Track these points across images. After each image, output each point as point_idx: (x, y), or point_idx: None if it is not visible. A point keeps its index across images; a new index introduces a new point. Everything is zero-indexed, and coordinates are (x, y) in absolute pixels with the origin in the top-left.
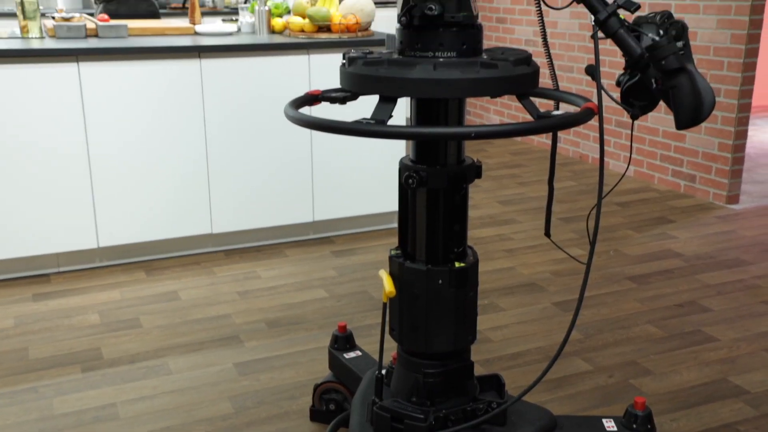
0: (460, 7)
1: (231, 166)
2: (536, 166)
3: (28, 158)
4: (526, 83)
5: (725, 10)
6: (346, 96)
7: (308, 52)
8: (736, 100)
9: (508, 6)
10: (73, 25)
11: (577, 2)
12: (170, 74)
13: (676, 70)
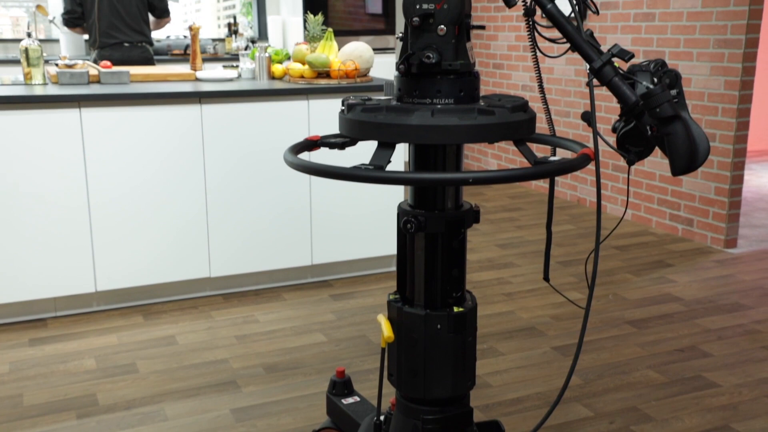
0: (457, 56)
1: (230, 209)
2: (534, 209)
3: (27, 202)
4: (523, 129)
5: (718, 57)
6: (345, 142)
7: (308, 98)
8: (731, 145)
9: (505, 52)
10: (75, 71)
11: (572, 51)
12: (171, 119)
13: (670, 117)
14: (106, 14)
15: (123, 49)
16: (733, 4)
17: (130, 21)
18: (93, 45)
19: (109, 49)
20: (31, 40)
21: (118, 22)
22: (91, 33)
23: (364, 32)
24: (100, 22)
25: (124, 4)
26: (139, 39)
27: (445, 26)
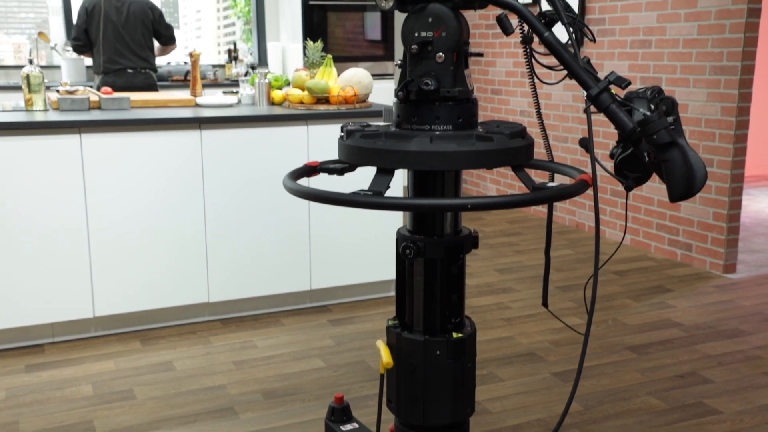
0: (455, 83)
1: (229, 234)
2: (533, 234)
3: (26, 228)
4: (521, 156)
5: (714, 83)
6: (344, 167)
7: (307, 123)
8: (729, 171)
9: (503, 78)
10: (76, 98)
11: (570, 78)
12: (171, 145)
13: (667, 144)
14: (110, 41)
15: (126, 75)
16: (728, 31)
17: (135, 47)
18: (97, 71)
19: (112, 75)
20: (32, 67)
21: (122, 48)
22: (95, 59)
23: (363, 58)
24: (104, 49)
25: (128, 31)
26: (143, 65)
27: (443, 54)
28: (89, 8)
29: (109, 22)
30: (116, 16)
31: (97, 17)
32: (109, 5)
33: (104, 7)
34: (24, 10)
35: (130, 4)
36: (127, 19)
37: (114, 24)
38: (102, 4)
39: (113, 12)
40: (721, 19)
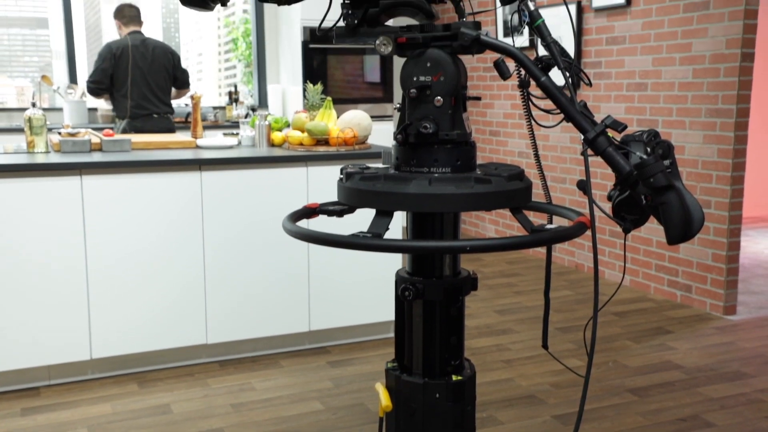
0: (453, 126)
1: (228, 275)
2: (532, 275)
3: (25, 269)
4: (519, 198)
5: (710, 126)
6: (343, 209)
7: (306, 165)
8: (726, 212)
9: (501, 120)
10: (77, 140)
11: (567, 121)
12: (171, 186)
13: (664, 187)
14: (138, 86)
15: (153, 120)
16: (722, 75)
17: (158, 92)
18: (123, 115)
19: (140, 120)
20: (35, 110)
21: (149, 93)
22: (120, 104)
23: (362, 100)
24: (132, 94)
25: (153, 77)
26: (165, 110)
27: (441, 97)
28: (117, 53)
29: (137, 68)
30: (142, 61)
31: (125, 62)
32: (136, 50)
33: (132, 52)
34: (28, 54)
35: (153, 48)
36: (152, 64)
37: (141, 69)
38: (129, 48)
39: (140, 57)
40: (716, 63)
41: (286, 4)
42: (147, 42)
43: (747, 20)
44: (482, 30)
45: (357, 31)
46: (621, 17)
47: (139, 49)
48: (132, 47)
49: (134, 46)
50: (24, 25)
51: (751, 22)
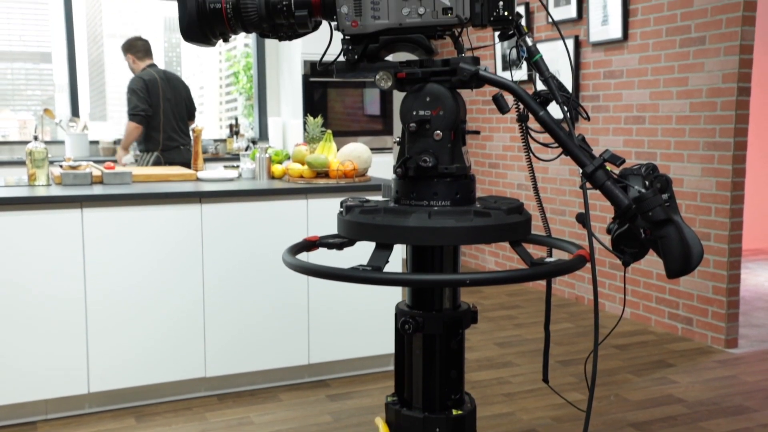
0: (453, 160)
1: (227, 308)
2: (533, 307)
3: (22, 302)
4: (519, 231)
5: (708, 159)
6: (343, 242)
7: (306, 197)
8: (726, 245)
9: (500, 152)
10: (79, 173)
11: (565, 155)
12: (171, 219)
13: (663, 221)
14: (168, 118)
15: (180, 151)
16: (719, 109)
17: (182, 124)
18: (155, 148)
19: (171, 152)
20: (37, 143)
21: (176, 125)
22: (152, 136)
23: (362, 133)
24: (164, 126)
25: (179, 109)
26: (188, 141)
27: (441, 131)
28: (149, 84)
29: (166, 100)
30: (170, 94)
31: (156, 94)
32: (163, 83)
33: (161, 85)
34: (31, 88)
35: (175, 80)
36: (176, 97)
37: (170, 101)
38: (158, 81)
39: (167, 89)
40: (712, 97)
41: (287, 40)
42: (168, 74)
43: (742, 55)
44: (481, 65)
45: (357, 66)
46: (618, 52)
47: (164, 82)
48: (160, 80)
49: (161, 79)
50: (28, 59)
51: (746, 57)
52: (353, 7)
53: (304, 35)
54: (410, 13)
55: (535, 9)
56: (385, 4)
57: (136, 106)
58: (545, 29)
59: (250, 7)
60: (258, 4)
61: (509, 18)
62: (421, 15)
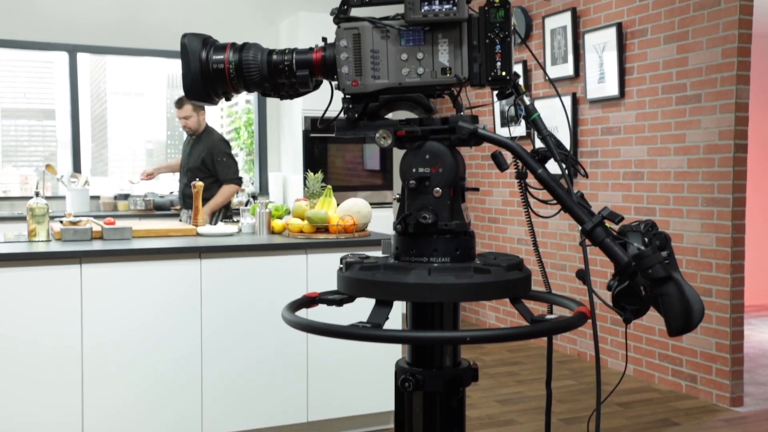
0: (452, 216)
1: (225, 364)
2: (534, 363)
3: (19, 355)
4: (519, 288)
5: (707, 215)
6: (343, 299)
7: (306, 252)
8: (728, 301)
9: (500, 207)
10: (79, 228)
11: (564, 212)
12: (170, 274)
13: (663, 278)
14: None
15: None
16: (717, 165)
17: None
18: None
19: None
20: (38, 199)
21: None
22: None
23: (362, 187)
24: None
25: None
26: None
27: (440, 188)
28: None
29: None
30: None
31: None
32: None
33: None
34: (33, 144)
35: None
36: None
37: None
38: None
39: None
40: (710, 153)
41: (288, 99)
42: None
43: (738, 113)
44: (479, 123)
45: (357, 125)
46: (615, 108)
47: None
48: None
49: None
50: (32, 116)
51: (742, 114)
52: (354, 67)
53: (305, 94)
54: (410, 73)
55: (532, 67)
56: (385, 65)
57: (237, 169)
58: (543, 86)
59: (253, 67)
60: (260, 64)
61: (507, 78)
62: (421, 75)
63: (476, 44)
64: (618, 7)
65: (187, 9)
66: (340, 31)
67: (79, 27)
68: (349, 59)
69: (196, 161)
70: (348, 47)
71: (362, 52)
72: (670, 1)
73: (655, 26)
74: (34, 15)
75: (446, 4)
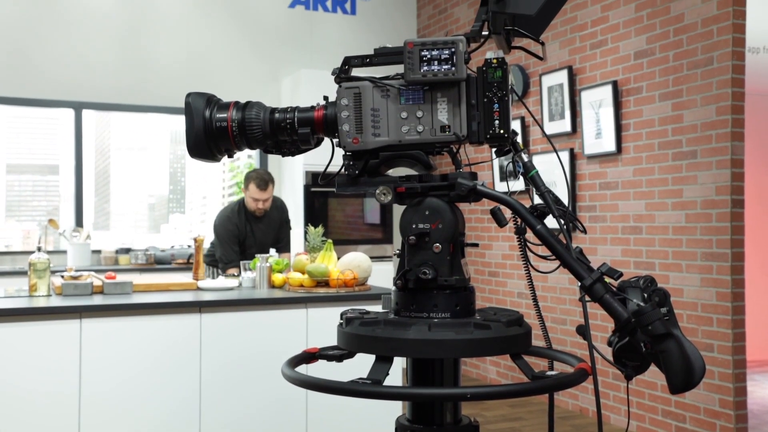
0: (452, 272)
1: (224, 419)
2: (536, 419)
3: (15, 409)
4: (519, 344)
5: (707, 269)
6: (343, 354)
7: (306, 306)
8: (730, 356)
9: (500, 261)
10: (79, 283)
11: (563, 267)
12: (170, 329)
13: (663, 335)
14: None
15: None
16: (715, 220)
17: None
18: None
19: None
20: (40, 254)
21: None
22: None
23: (362, 241)
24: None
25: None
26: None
27: (440, 244)
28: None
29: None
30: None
31: None
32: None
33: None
34: (37, 199)
35: None
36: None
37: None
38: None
39: None
40: (707, 208)
41: (290, 156)
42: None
43: (734, 169)
44: (478, 180)
45: (358, 181)
46: (612, 164)
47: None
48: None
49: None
50: (36, 171)
51: (738, 170)
52: (354, 125)
53: (306, 151)
54: (409, 131)
55: (530, 123)
56: (386, 123)
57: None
58: (541, 141)
59: (255, 125)
60: (263, 122)
61: (505, 136)
62: (420, 133)
63: (474, 103)
64: (613, 66)
65: (191, 66)
66: (341, 90)
67: (85, 85)
68: (350, 117)
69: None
70: (349, 105)
71: (363, 111)
72: (663, 60)
73: (650, 84)
74: (42, 74)
75: (445, 64)
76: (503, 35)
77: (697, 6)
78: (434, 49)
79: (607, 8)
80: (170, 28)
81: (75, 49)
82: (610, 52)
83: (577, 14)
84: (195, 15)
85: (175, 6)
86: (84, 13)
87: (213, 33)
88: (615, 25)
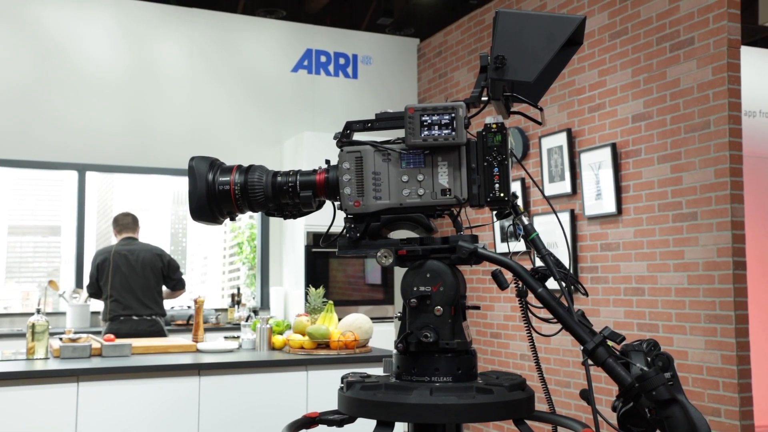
0: (454, 335)
1: None
2: None
3: None
4: (522, 409)
5: (711, 332)
6: (343, 419)
7: (307, 368)
8: (738, 421)
9: (502, 322)
10: (78, 345)
11: (566, 330)
12: (168, 392)
13: (667, 401)
14: (117, 290)
15: (131, 322)
16: (717, 282)
17: (141, 295)
18: (105, 318)
19: (117, 322)
20: (39, 316)
21: (129, 297)
22: (104, 307)
23: (363, 302)
24: (111, 298)
25: (137, 280)
26: (149, 312)
27: (441, 307)
28: (99, 264)
29: (117, 273)
30: (125, 267)
31: (106, 270)
32: (118, 256)
33: (113, 259)
34: (38, 260)
35: (139, 252)
36: (135, 269)
37: (123, 274)
38: (112, 256)
39: (122, 262)
40: (709, 270)
41: (291, 218)
42: (133, 247)
43: (735, 231)
44: (479, 243)
45: (359, 244)
46: (613, 225)
47: (123, 255)
48: (114, 253)
49: (117, 252)
50: (37, 232)
51: (738, 232)
52: (356, 188)
53: (308, 214)
54: (410, 194)
55: (531, 184)
56: (387, 186)
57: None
58: (542, 203)
59: (257, 188)
60: (265, 186)
61: (505, 199)
62: (421, 196)
63: (475, 167)
64: (611, 129)
65: (195, 128)
66: (342, 154)
67: (89, 147)
68: (352, 181)
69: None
70: (350, 169)
71: (364, 174)
72: (661, 124)
73: (648, 147)
74: (47, 137)
75: (445, 129)
76: (502, 101)
77: (693, 71)
78: (435, 114)
79: (605, 73)
80: (174, 91)
81: (80, 113)
82: (608, 116)
83: (575, 78)
84: (199, 79)
85: (179, 70)
86: (89, 77)
87: (216, 96)
88: (612, 89)
